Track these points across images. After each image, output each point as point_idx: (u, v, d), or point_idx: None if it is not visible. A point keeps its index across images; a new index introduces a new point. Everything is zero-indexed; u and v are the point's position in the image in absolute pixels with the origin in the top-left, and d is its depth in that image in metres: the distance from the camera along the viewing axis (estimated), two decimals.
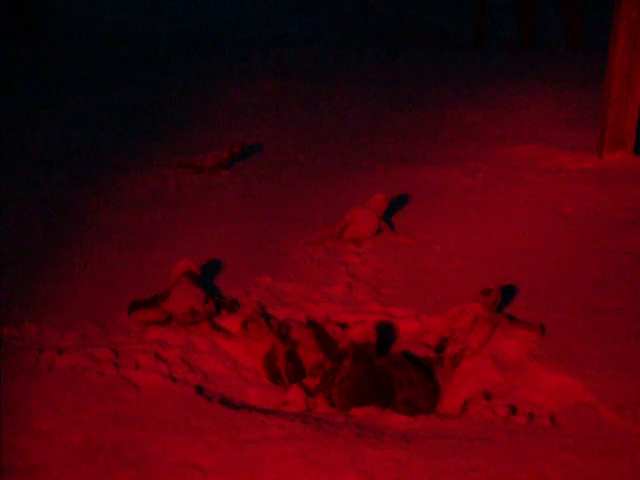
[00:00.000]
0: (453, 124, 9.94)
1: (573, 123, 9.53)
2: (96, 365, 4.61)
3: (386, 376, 4.59)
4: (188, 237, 6.47)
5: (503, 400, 4.39)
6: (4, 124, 9.83)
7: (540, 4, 16.08)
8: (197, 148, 8.88)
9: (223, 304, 5.32)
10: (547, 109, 10.39)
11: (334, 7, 18.41)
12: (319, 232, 6.46)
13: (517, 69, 13.25)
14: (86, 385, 4.40)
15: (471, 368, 4.77)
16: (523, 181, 7.55)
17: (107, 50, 15.16)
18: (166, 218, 6.92)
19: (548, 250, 6.01)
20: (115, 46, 15.55)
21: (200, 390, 4.45)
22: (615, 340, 4.73)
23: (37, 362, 4.63)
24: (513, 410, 4.27)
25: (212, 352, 4.89)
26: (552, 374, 4.45)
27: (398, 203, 6.97)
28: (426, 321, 5.17)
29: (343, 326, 5.07)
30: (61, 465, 3.72)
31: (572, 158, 8.18)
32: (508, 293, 5.31)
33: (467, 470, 3.63)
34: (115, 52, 15.03)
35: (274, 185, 7.79)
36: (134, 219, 6.91)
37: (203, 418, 4.11)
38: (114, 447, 3.84)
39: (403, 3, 18.35)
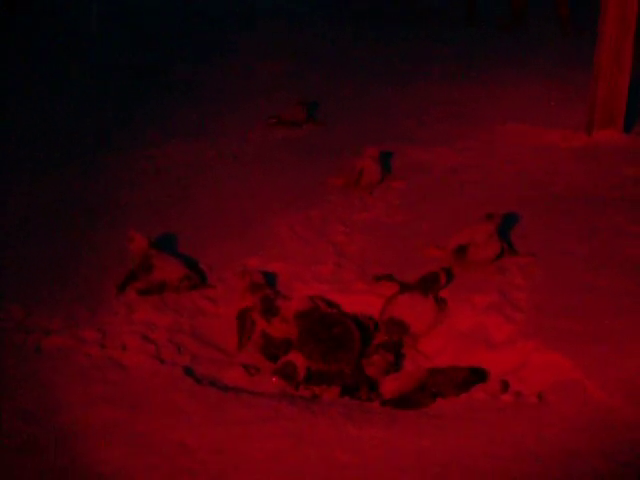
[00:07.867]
0: (443, 103, 9.87)
1: (563, 102, 9.46)
2: (83, 346, 4.61)
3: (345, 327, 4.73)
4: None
5: (492, 378, 4.41)
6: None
7: None
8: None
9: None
10: (537, 88, 10.31)
11: None
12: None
13: (507, 48, 13.16)
14: (73, 366, 4.40)
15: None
16: (512, 159, 7.52)
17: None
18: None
19: (537, 229, 6.00)
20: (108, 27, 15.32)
21: (188, 371, 4.45)
22: (603, 317, 4.74)
23: (25, 344, 4.62)
24: (502, 389, 4.29)
25: (199, 333, 4.90)
26: (540, 352, 4.47)
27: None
28: None
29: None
30: (49, 445, 3.72)
31: (561, 136, 8.14)
32: None
33: (453, 448, 3.65)
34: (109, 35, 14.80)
35: None
36: (123, 197, 6.87)
37: (190, 399, 4.11)
38: (101, 427, 3.84)
39: None
